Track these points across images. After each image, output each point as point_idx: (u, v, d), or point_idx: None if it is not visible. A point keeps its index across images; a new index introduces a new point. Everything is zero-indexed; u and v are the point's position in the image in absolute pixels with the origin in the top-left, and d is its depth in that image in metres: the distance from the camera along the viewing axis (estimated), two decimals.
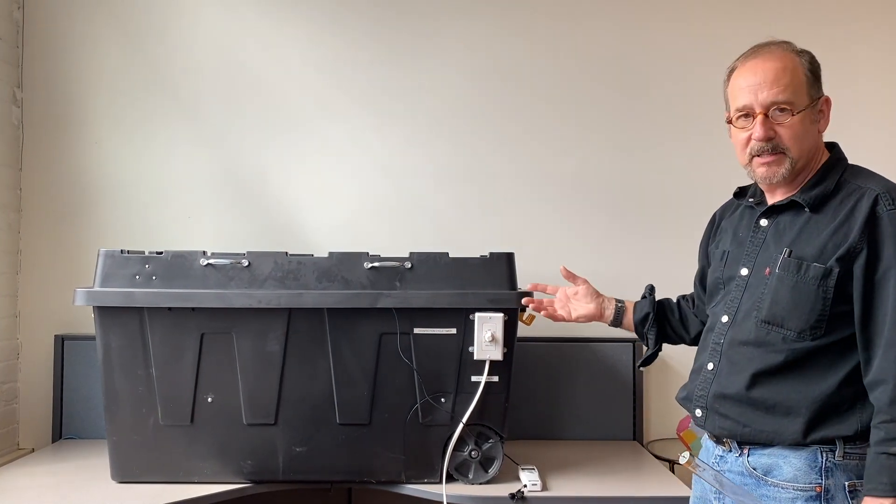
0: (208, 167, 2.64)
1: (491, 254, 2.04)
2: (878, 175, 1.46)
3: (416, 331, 2.00)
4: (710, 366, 1.53)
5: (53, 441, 2.50)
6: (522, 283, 2.07)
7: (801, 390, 1.41)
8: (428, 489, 2.01)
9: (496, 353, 1.99)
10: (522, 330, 2.06)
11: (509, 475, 2.07)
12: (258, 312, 1.97)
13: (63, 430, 2.50)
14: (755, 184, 1.59)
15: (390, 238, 2.61)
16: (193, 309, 1.97)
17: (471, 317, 1.99)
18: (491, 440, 2.04)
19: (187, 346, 1.98)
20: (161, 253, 2.00)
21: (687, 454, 1.55)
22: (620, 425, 2.56)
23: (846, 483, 1.39)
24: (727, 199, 1.71)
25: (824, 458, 1.40)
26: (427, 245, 2.09)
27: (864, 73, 2.68)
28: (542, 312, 1.94)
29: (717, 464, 1.53)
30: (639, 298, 1.88)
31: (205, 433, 2.00)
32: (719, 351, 1.52)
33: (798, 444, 1.41)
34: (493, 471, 2.03)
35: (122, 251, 2.00)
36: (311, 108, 2.67)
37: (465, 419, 2.00)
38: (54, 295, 2.56)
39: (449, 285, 2.00)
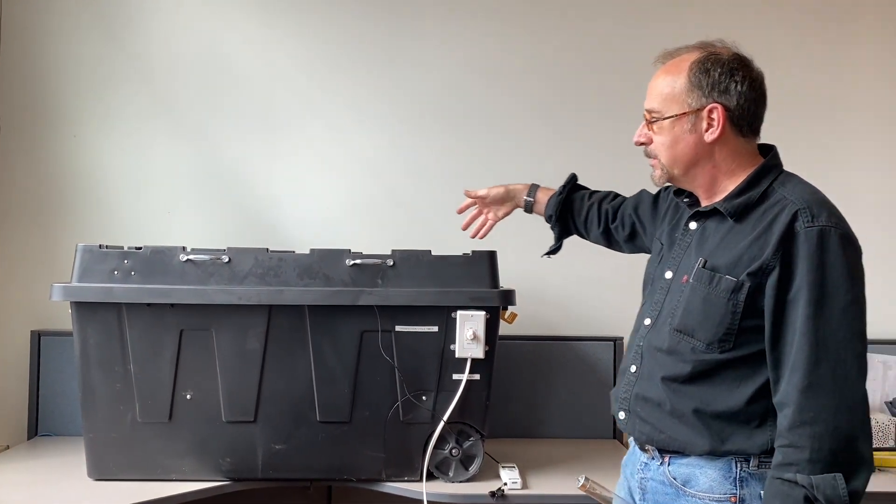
0: (188, 162, 2.62)
1: (473, 252, 2.04)
2: (808, 186, 1.41)
3: (398, 328, 1.99)
4: (633, 368, 1.52)
5: (29, 438, 2.46)
6: (504, 282, 2.07)
7: (709, 403, 1.39)
8: (408, 487, 2.00)
9: (478, 352, 1.99)
10: (504, 328, 2.06)
11: (490, 473, 2.07)
12: (238, 309, 1.95)
13: (39, 426, 2.47)
14: None
15: (372, 235, 2.59)
16: (172, 305, 1.95)
17: (452, 315, 1.99)
18: (472, 438, 2.04)
19: (166, 342, 1.97)
20: (140, 248, 1.98)
21: (583, 478, 1.56)
22: (601, 423, 2.57)
23: (761, 492, 1.37)
24: None
25: (738, 469, 1.39)
26: (409, 243, 2.08)
27: (864, 70, 2.73)
28: (479, 225, 2.04)
29: (642, 470, 1.52)
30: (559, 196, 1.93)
31: (183, 430, 1.99)
32: (640, 354, 1.51)
33: (711, 454, 1.40)
34: (473, 469, 2.03)
35: (100, 246, 1.97)
36: (293, 104, 2.65)
37: (445, 417, 2.00)
38: (31, 290, 2.53)
39: (431, 283, 2.00)
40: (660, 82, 1.46)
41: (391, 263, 2.00)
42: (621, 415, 1.53)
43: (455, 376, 2.01)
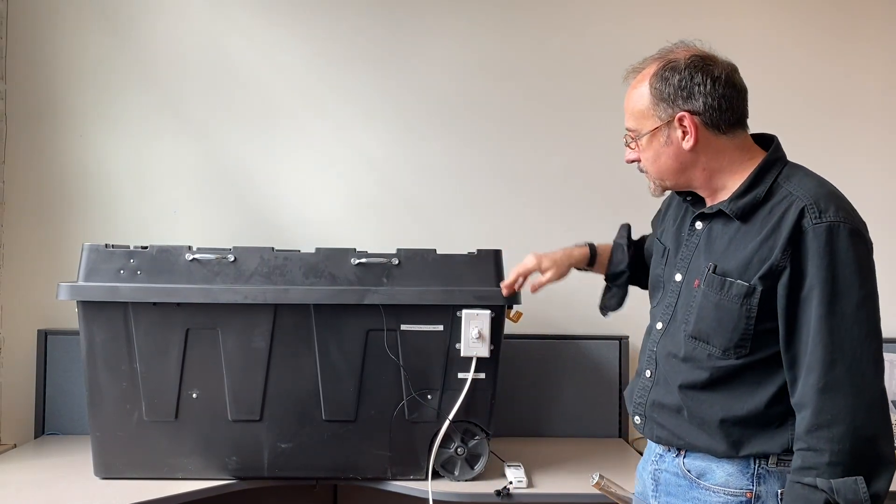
0: (194, 161, 2.63)
1: (479, 251, 2.04)
2: (814, 178, 1.37)
3: (403, 327, 1.99)
4: (648, 373, 1.50)
5: (36, 437, 2.47)
6: None
7: (728, 408, 1.37)
8: (414, 486, 2.01)
9: (483, 350, 1.99)
10: (509, 327, 2.06)
11: (495, 472, 2.07)
12: (244, 308, 1.96)
13: (46, 425, 2.47)
14: None
15: (378, 234, 2.60)
16: (179, 304, 1.96)
17: (458, 314, 1.99)
18: (477, 437, 2.04)
19: (172, 341, 1.97)
20: (146, 247, 1.98)
21: (597, 475, 1.55)
22: (606, 423, 2.57)
23: (778, 490, 1.36)
24: None
25: (757, 465, 1.37)
26: (415, 241, 2.08)
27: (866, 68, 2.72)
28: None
29: (656, 462, 1.51)
30: (614, 241, 1.83)
31: (189, 429, 1.99)
32: (654, 359, 1.49)
33: (730, 457, 1.38)
34: (478, 468, 2.03)
35: (106, 245, 1.98)
36: (297, 103, 2.66)
37: (451, 416, 2.00)
38: (37, 289, 2.53)
39: (436, 282, 2.00)
40: (631, 100, 1.46)
41: (396, 262, 2.00)
42: (637, 419, 1.52)
43: (460, 375, 2.01)
